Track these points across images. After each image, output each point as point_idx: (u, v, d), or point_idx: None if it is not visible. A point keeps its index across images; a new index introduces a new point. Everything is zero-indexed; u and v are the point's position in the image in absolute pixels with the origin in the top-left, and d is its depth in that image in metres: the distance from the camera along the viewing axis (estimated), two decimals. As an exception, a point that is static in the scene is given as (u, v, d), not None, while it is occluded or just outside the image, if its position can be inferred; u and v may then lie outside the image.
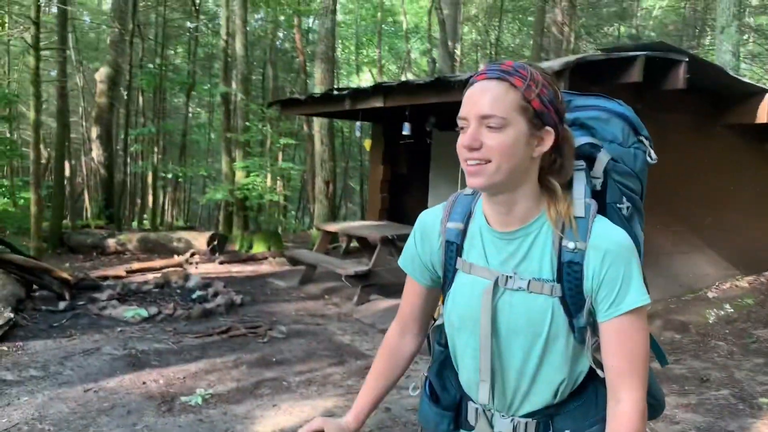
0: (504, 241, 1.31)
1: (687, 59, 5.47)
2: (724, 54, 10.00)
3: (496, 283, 1.31)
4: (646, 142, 1.39)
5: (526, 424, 1.36)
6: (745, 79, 7.13)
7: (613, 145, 1.36)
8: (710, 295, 6.95)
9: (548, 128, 1.24)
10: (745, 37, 17.51)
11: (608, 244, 1.23)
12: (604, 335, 1.25)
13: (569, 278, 1.24)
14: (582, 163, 1.32)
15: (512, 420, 1.37)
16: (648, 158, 1.38)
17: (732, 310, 6.46)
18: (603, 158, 1.32)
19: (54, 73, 16.58)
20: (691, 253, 7.10)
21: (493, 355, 1.34)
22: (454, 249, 1.38)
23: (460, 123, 1.25)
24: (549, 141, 1.25)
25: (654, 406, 1.39)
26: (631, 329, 1.23)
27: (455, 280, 1.39)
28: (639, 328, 1.24)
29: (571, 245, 1.24)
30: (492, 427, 1.40)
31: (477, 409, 1.41)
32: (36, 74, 9.98)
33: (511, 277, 1.30)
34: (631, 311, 1.22)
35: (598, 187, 1.32)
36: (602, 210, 1.30)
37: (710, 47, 17.69)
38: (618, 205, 1.34)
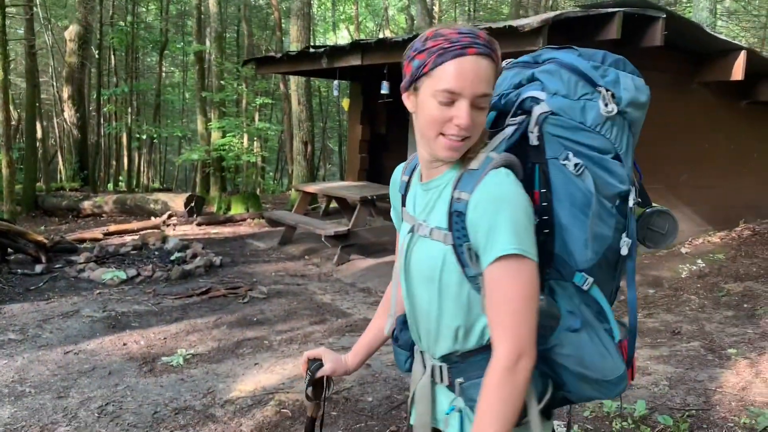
0: (424, 191, 1.39)
1: (664, 16, 5.46)
2: (701, 11, 10.01)
3: (412, 230, 1.41)
4: (606, 93, 1.28)
5: (441, 367, 1.40)
6: (722, 36, 7.15)
7: (557, 97, 1.30)
8: (683, 250, 7.09)
9: None
10: (723, -7, 17.49)
11: (481, 195, 1.24)
12: (483, 285, 1.27)
13: (456, 227, 1.28)
14: (518, 119, 1.33)
15: (432, 362, 1.43)
16: (606, 109, 1.27)
17: (704, 264, 6.60)
18: (536, 111, 1.30)
19: (21, 32, 16.07)
20: (665, 210, 7.21)
21: (411, 299, 1.43)
22: (399, 199, 1.52)
23: (446, 95, 1.23)
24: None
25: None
26: (501, 279, 1.22)
27: (402, 225, 1.50)
28: (510, 278, 1.22)
29: (457, 196, 1.28)
30: (424, 366, 1.47)
31: (416, 348, 1.52)
32: (2, 32, 9.68)
33: (421, 224, 1.37)
34: (500, 260, 1.21)
35: (535, 142, 1.30)
36: (545, 164, 1.30)
37: (688, 4, 17.63)
38: (561, 161, 1.28)
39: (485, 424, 1.21)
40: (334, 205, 9.74)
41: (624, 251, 1.33)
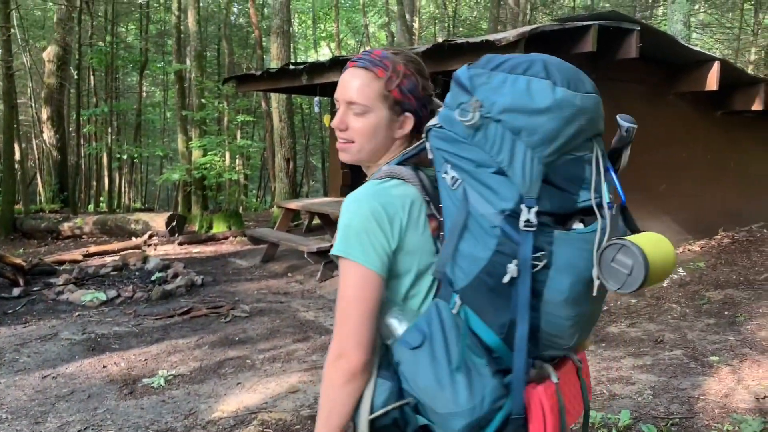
0: None
1: (639, 28, 5.54)
2: (676, 24, 10.16)
3: None
4: (472, 100, 1.20)
5: None
6: (696, 48, 7.27)
7: (445, 109, 1.28)
8: (664, 260, 7.13)
9: (407, 114, 1.40)
10: (696, 6, 17.83)
11: None
12: None
13: None
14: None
15: None
16: (461, 118, 1.20)
17: (685, 273, 6.65)
18: (427, 126, 1.32)
19: (-2, 53, 15.93)
20: (646, 220, 7.26)
21: None
22: None
23: (336, 102, 1.42)
24: (408, 125, 1.41)
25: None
26: (339, 277, 1.31)
27: None
28: (341, 278, 1.29)
29: None
30: None
31: None
32: (-22, 54, 9.59)
33: None
34: (338, 261, 1.30)
35: (430, 155, 1.31)
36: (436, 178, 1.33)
37: (663, 17, 17.94)
38: (442, 174, 1.26)
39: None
40: (317, 221, 9.71)
41: (506, 279, 1.17)
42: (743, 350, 4.45)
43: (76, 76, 16.57)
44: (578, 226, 1.21)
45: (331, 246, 1.28)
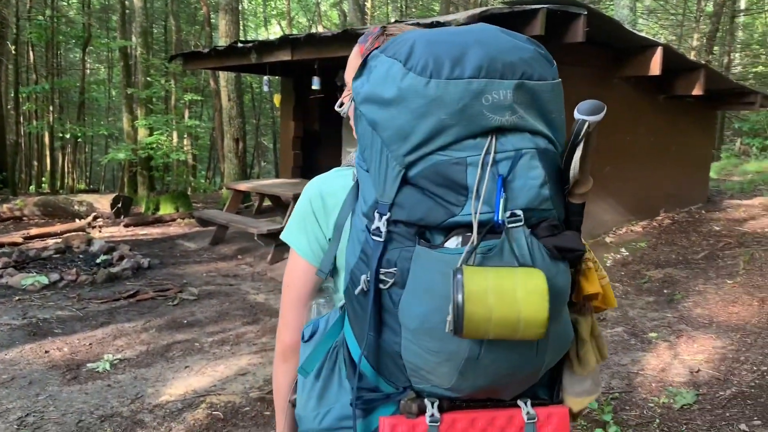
0: None
1: (586, 12, 5.63)
2: (622, 9, 10.39)
3: None
4: (345, 90, 1.17)
5: None
6: (640, 33, 7.43)
7: None
8: (608, 240, 7.35)
9: None
10: (642, -8, 18.22)
11: None
12: None
13: None
14: None
15: None
16: (337, 108, 1.20)
17: (627, 253, 6.87)
18: None
19: (-72, 26, 15.14)
20: (590, 201, 7.43)
21: None
22: None
23: None
24: None
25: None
26: None
27: None
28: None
29: None
30: None
31: None
32: None
33: None
34: None
35: None
36: None
37: (610, 2, 18.26)
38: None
39: None
40: (267, 203, 9.62)
41: (356, 291, 1.03)
42: (680, 326, 4.63)
43: (14, 51, 15.89)
44: (454, 244, 0.98)
45: (282, 227, 1.25)
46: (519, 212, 0.97)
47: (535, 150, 1.00)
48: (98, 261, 6.80)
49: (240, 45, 7.60)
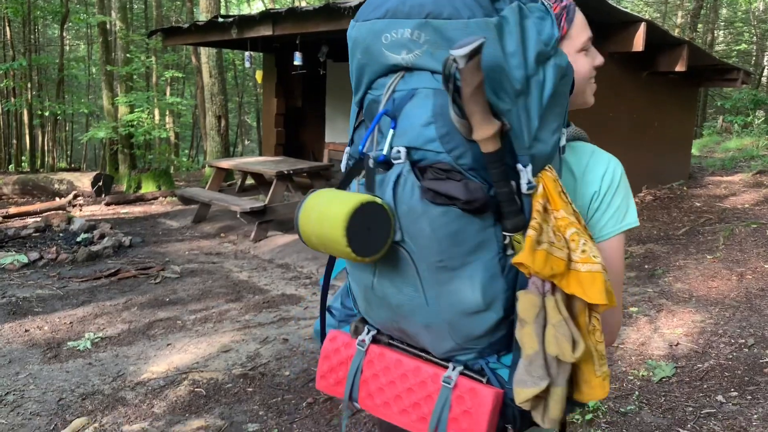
0: None
1: (569, -12, 5.60)
2: (606, -16, 10.33)
3: None
4: None
5: None
6: (625, 9, 7.41)
7: None
8: (591, 216, 7.39)
9: None
10: (627, -32, 18.16)
11: None
12: None
13: None
14: None
15: None
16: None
17: (610, 229, 6.91)
18: None
19: None
20: (574, 178, 7.48)
21: None
22: None
23: (589, 44, 1.25)
24: None
25: None
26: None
27: None
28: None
29: None
30: None
31: None
32: None
33: None
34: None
35: None
36: None
37: (595, -22, 18.17)
38: None
39: None
40: (250, 181, 9.55)
41: None
42: (660, 301, 4.68)
43: (-11, 27, 15.55)
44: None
45: (264, 206, 1.24)
46: (401, 149, 0.99)
47: (431, 90, 0.98)
48: (79, 239, 6.73)
49: (221, 20, 7.48)
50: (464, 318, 1.02)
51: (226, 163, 8.55)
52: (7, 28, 17.46)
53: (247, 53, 8.33)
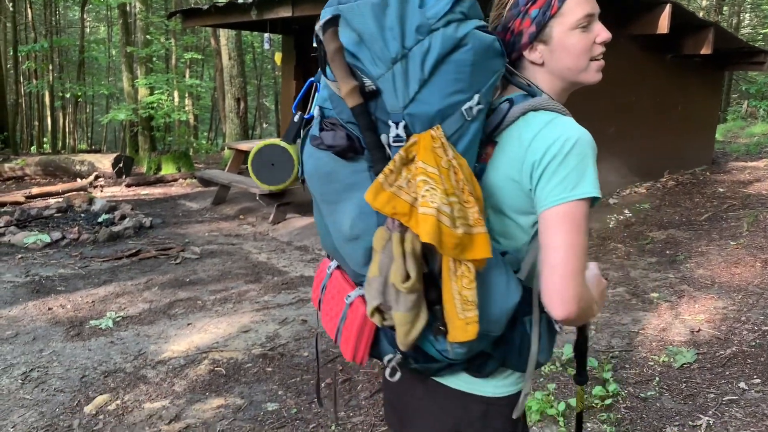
0: None
1: (594, -32, 5.50)
2: (631, -35, 10.13)
3: None
4: None
5: None
6: (649, -10, 7.27)
7: None
8: (611, 201, 7.31)
9: None
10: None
11: None
12: None
13: None
14: None
15: None
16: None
17: (630, 214, 6.84)
18: None
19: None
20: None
21: None
22: None
23: (587, 20, 1.25)
24: None
25: None
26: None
27: None
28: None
29: None
30: None
31: None
32: None
33: None
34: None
35: None
36: None
37: (619, -40, 17.84)
38: None
39: None
40: (269, 163, 9.56)
41: None
42: (682, 287, 4.63)
43: (11, 9, 15.65)
44: None
45: (283, 188, 1.28)
46: (316, 109, 1.21)
47: None
48: (100, 220, 6.79)
49: (240, 1, 7.46)
50: (344, 244, 1.22)
51: (245, 146, 8.56)
52: (29, 10, 17.58)
53: (266, 35, 8.30)
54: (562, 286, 1.12)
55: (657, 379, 3.27)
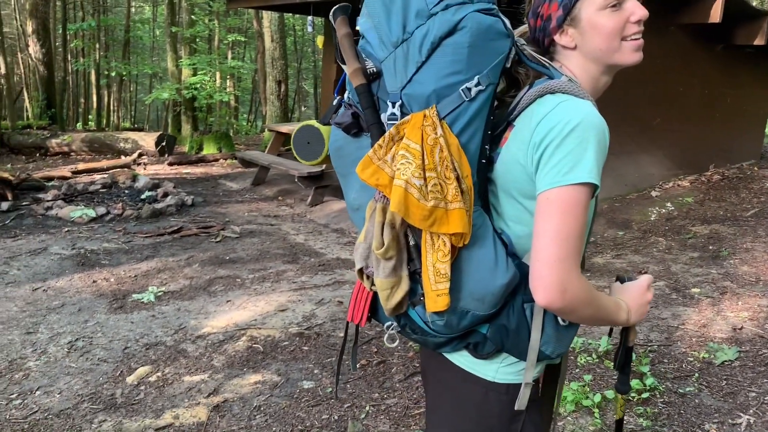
0: None
1: (645, -46, 5.36)
2: (683, -48, 9.85)
3: None
4: None
5: None
6: (702, -22, 7.06)
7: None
8: (654, 194, 7.17)
9: None
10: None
11: None
12: None
13: None
14: None
15: None
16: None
17: (673, 208, 6.70)
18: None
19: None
20: (638, 153, 7.27)
21: None
22: None
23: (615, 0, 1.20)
24: None
25: None
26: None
27: None
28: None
29: None
30: None
31: None
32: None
33: None
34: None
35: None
36: None
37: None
38: None
39: None
40: (308, 145, 9.62)
41: None
42: (724, 283, 4.54)
43: (61, -12, 15.98)
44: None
45: (321, 171, 1.34)
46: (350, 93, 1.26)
47: None
48: (143, 197, 6.94)
49: (285, -17, 7.48)
50: (352, 214, 1.33)
51: (285, 128, 8.62)
52: (79, -11, 17.94)
53: (309, 18, 8.32)
54: (543, 272, 1.11)
55: (696, 375, 3.22)
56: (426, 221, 1.10)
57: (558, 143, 1.10)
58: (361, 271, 1.24)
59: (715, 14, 6.38)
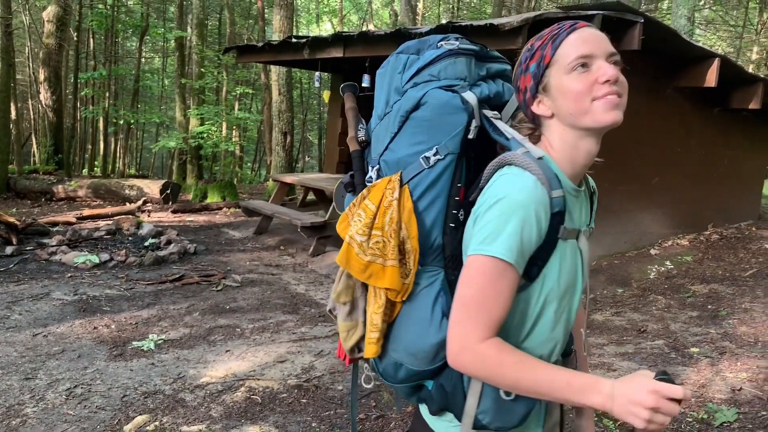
0: (575, 196, 1.26)
1: (642, 20, 5.56)
2: (680, 18, 10.17)
3: (577, 240, 1.27)
4: None
5: None
6: (698, 44, 7.28)
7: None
8: (653, 252, 7.22)
9: None
10: (701, 2, 17.77)
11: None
12: None
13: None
14: None
15: None
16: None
17: (672, 266, 6.74)
18: None
19: (-3, 10, 15.71)
20: (637, 212, 7.35)
21: (571, 314, 1.30)
22: (558, 219, 1.20)
23: (580, 61, 1.17)
24: None
25: None
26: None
27: (557, 250, 1.22)
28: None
29: (593, 189, 1.41)
30: None
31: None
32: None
33: (585, 230, 1.30)
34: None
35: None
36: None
37: (667, 11, 17.88)
38: None
39: None
40: (311, 197, 9.74)
41: None
42: (723, 343, 4.54)
43: (75, 38, 16.41)
44: None
45: (324, 221, 1.48)
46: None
47: None
48: (146, 244, 7.00)
49: (294, 40, 7.72)
50: None
51: (289, 178, 8.75)
52: (91, 40, 18.38)
53: (317, 73, 8.55)
54: (448, 332, 1.16)
55: (695, 436, 3.20)
56: (363, 273, 1.26)
57: (482, 213, 1.15)
58: (331, 312, 1.41)
59: (711, 79, 6.56)
